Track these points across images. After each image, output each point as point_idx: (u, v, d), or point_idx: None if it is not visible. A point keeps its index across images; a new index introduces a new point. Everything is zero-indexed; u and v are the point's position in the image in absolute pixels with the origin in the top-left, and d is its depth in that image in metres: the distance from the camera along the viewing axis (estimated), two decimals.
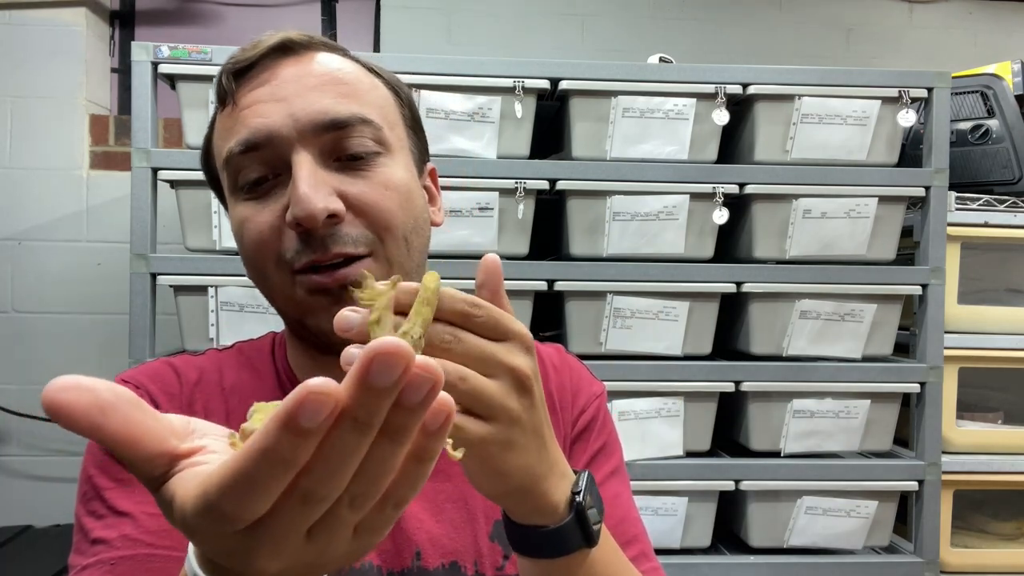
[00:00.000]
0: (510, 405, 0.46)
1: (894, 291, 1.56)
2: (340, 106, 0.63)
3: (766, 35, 2.34)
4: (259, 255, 0.64)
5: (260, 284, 0.67)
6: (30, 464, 2.03)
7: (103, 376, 0.33)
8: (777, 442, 1.56)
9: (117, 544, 0.60)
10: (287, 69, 0.64)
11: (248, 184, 0.64)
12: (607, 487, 0.71)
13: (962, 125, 1.71)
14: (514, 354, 0.47)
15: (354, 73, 0.66)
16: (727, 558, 1.55)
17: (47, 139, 2.03)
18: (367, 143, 0.63)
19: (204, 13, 2.20)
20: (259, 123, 0.62)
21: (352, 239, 0.62)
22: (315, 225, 0.59)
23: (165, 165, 1.46)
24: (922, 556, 1.56)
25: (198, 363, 0.72)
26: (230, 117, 0.65)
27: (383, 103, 0.67)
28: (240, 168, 0.63)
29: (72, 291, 2.04)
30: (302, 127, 0.61)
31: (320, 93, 0.63)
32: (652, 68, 1.55)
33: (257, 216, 0.63)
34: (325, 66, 0.65)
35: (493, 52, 2.21)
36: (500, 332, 0.47)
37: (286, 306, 0.66)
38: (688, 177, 1.52)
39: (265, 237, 0.63)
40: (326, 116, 0.62)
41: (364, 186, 0.63)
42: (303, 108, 0.62)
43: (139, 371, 0.71)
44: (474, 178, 1.48)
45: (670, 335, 1.54)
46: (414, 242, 0.66)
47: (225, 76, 0.65)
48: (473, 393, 0.45)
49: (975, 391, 1.76)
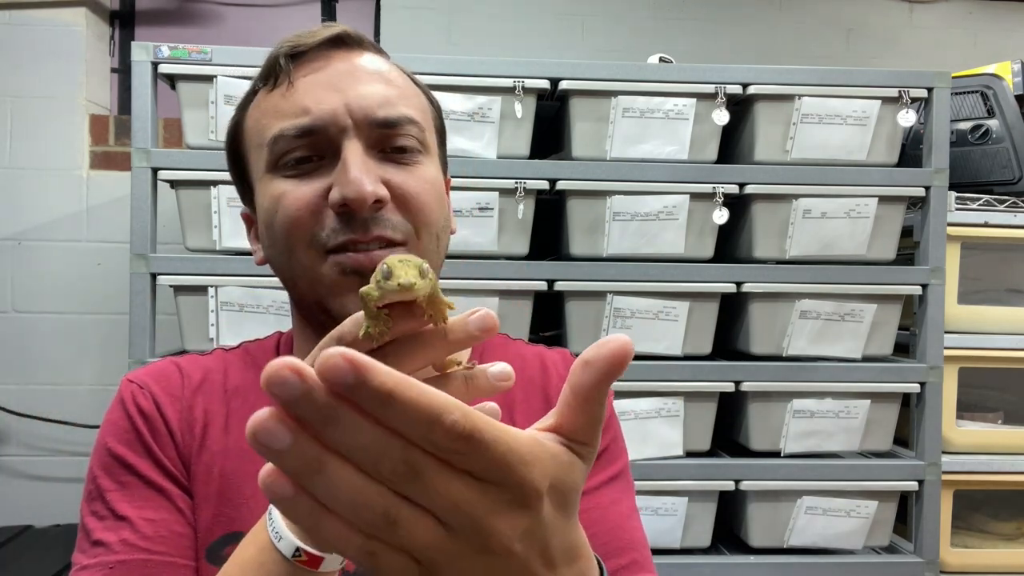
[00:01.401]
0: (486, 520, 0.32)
1: (894, 291, 1.56)
2: (391, 105, 0.66)
3: (766, 35, 2.34)
4: (292, 231, 0.65)
5: (284, 263, 0.67)
6: (30, 464, 2.02)
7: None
8: (777, 442, 1.56)
9: (116, 548, 0.61)
10: (341, 61, 0.67)
11: (292, 162, 0.65)
12: (603, 493, 0.71)
13: (962, 125, 1.71)
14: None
15: (401, 77, 0.70)
16: (727, 558, 1.55)
17: (47, 139, 2.03)
18: (412, 141, 0.66)
19: (204, 13, 2.20)
20: (317, 108, 0.64)
21: (392, 225, 0.64)
22: (362, 207, 0.62)
23: (165, 165, 1.46)
24: (922, 556, 1.56)
25: (204, 363, 0.73)
26: (283, 97, 0.66)
27: (424, 108, 0.71)
28: (288, 149, 0.65)
29: (72, 291, 2.04)
30: (356, 117, 0.64)
31: (373, 88, 0.66)
32: (652, 68, 1.55)
33: (296, 192, 0.64)
34: (375, 65, 0.68)
35: (493, 52, 2.21)
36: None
37: (310, 288, 0.66)
38: (688, 177, 1.52)
39: (301, 213, 0.64)
40: (378, 112, 0.65)
41: (408, 177, 0.65)
42: (357, 100, 0.64)
43: (146, 371, 0.72)
44: (474, 178, 1.48)
45: (670, 335, 1.54)
46: (443, 240, 0.70)
47: (283, 58, 0.67)
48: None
49: (975, 391, 1.76)
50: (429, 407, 0.29)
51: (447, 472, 0.31)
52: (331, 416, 0.29)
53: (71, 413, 2.01)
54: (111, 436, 0.67)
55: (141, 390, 0.69)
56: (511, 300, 1.50)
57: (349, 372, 0.28)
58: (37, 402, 2.01)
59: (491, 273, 1.49)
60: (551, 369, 0.76)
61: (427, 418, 0.29)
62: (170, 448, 0.67)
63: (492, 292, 1.49)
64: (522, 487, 0.32)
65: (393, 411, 0.29)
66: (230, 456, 0.67)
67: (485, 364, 0.42)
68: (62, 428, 2.00)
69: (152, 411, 0.68)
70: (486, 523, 0.32)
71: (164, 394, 0.69)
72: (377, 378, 0.29)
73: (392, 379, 0.29)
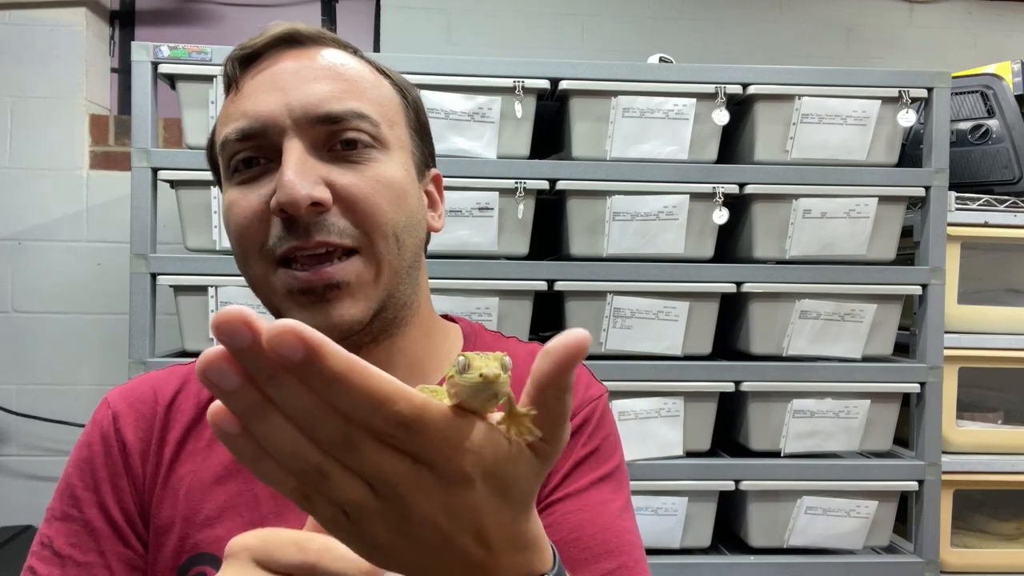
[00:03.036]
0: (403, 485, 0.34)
1: (894, 291, 1.56)
2: (336, 100, 0.63)
3: (766, 35, 2.34)
4: (242, 240, 0.64)
5: (243, 272, 0.67)
6: (30, 464, 2.03)
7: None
8: (777, 442, 1.56)
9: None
10: (290, 61, 0.65)
11: (238, 165, 0.64)
12: (591, 494, 0.68)
13: (962, 125, 1.71)
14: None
15: (357, 69, 0.66)
16: (727, 558, 1.55)
17: (47, 139, 2.03)
18: (362, 136, 0.63)
19: (204, 13, 2.20)
20: (254, 111, 0.62)
21: (337, 230, 0.61)
22: (298, 212, 0.59)
23: (165, 165, 1.46)
24: (922, 556, 1.56)
25: (182, 372, 0.73)
26: (232, 103, 0.65)
27: (384, 101, 0.67)
28: (233, 154, 0.64)
29: (72, 291, 2.04)
30: (296, 116, 0.62)
31: (318, 85, 0.63)
32: (652, 68, 1.55)
33: (243, 200, 0.63)
34: (328, 60, 0.65)
35: (493, 52, 2.21)
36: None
37: (266, 298, 0.66)
38: (688, 177, 1.52)
39: (249, 222, 0.63)
40: (320, 108, 0.62)
41: (354, 178, 0.62)
42: (298, 98, 0.62)
43: (122, 391, 0.72)
44: (474, 178, 1.48)
45: (670, 335, 1.54)
46: (406, 241, 0.65)
47: (231, 63, 0.66)
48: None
49: (975, 391, 1.76)
50: (375, 394, 0.31)
51: (380, 448, 0.33)
52: (273, 377, 0.30)
53: (71, 413, 2.01)
54: (73, 461, 0.70)
55: (108, 412, 0.70)
56: (511, 300, 1.50)
57: (299, 351, 0.29)
58: (37, 402, 2.01)
59: (491, 273, 1.49)
60: None
61: (371, 404, 0.31)
62: (123, 479, 0.68)
63: (492, 292, 1.49)
64: (450, 471, 0.34)
65: (337, 392, 0.31)
66: (198, 474, 0.68)
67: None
68: (62, 428, 2.00)
69: (112, 439, 0.69)
70: (411, 496, 0.34)
71: (132, 418, 0.70)
72: (328, 361, 0.30)
73: (344, 363, 0.30)
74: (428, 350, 0.73)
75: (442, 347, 0.75)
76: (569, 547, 0.65)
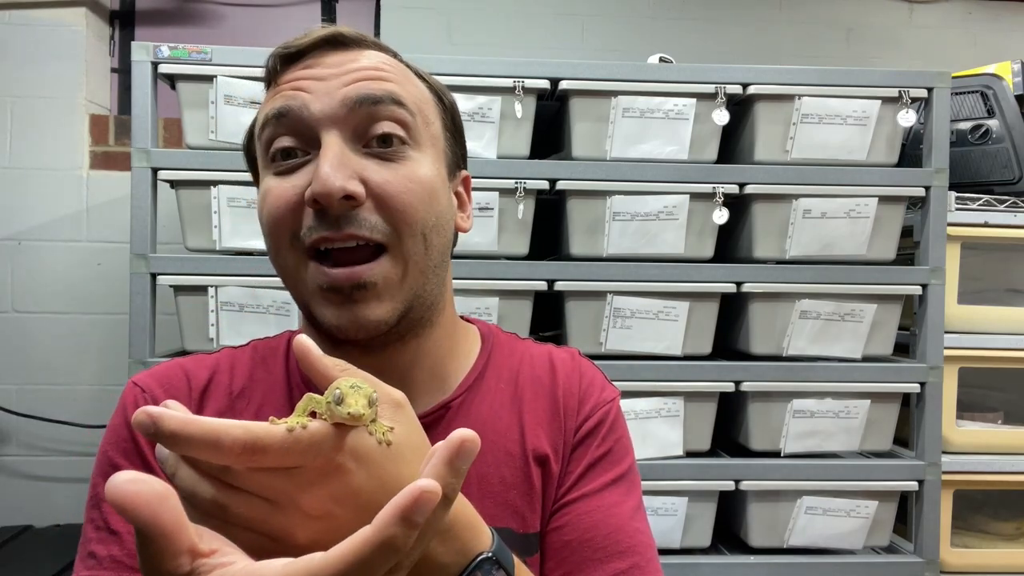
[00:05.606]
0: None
1: (894, 291, 1.56)
2: (375, 84, 0.64)
3: (766, 35, 2.34)
4: (274, 229, 0.64)
5: (275, 262, 0.67)
6: (30, 464, 2.02)
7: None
8: (777, 442, 1.56)
9: (105, 563, 0.63)
10: (332, 59, 0.65)
11: (277, 154, 0.64)
12: (604, 495, 0.70)
13: (962, 125, 1.71)
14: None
15: (397, 67, 0.67)
16: (727, 558, 1.55)
17: (47, 139, 2.03)
18: (396, 127, 0.64)
19: (204, 13, 2.20)
20: (295, 95, 0.63)
21: (368, 224, 0.61)
22: (331, 204, 0.60)
23: (165, 165, 1.46)
24: (922, 556, 1.56)
25: (211, 362, 0.73)
26: (271, 97, 0.66)
27: (420, 98, 0.68)
28: (272, 137, 0.64)
29: (72, 291, 2.04)
30: (336, 105, 0.62)
31: (358, 76, 0.64)
32: (652, 68, 1.55)
33: (278, 189, 0.63)
34: (370, 59, 0.66)
35: (493, 52, 2.21)
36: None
37: (295, 289, 0.66)
38: (688, 177, 1.52)
39: (283, 212, 0.63)
40: (359, 91, 0.63)
41: (388, 175, 0.63)
42: (339, 88, 0.63)
43: (151, 374, 0.71)
44: (474, 178, 1.46)
45: (670, 335, 1.54)
46: (433, 240, 0.65)
47: (273, 59, 0.66)
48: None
49: (975, 391, 1.76)
50: (206, 437, 0.38)
51: (250, 470, 0.40)
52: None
53: (71, 413, 2.01)
54: (110, 443, 0.67)
55: (143, 394, 0.69)
56: (511, 300, 1.50)
57: (149, 423, 0.38)
58: (37, 402, 2.01)
59: (491, 273, 1.49)
60: (559, 369, 0.75)
61: (209, 445, 0.38)
62: None
63: (492, 292, 1.49)
64: (320, 466, 0.41)
65: (183, 446, 0.39)
66: None
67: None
68: (62, 428, 2.00)
69: None
70: (299, 498, 0.40)
71: (168, 396, 0.68)
72: (164, 424, 0.38)
73: (175, 423, 0.38)
74: (450, 352, 0.73)
75: (462, 349, 0.75)
76: (583, 547, 0.67)
